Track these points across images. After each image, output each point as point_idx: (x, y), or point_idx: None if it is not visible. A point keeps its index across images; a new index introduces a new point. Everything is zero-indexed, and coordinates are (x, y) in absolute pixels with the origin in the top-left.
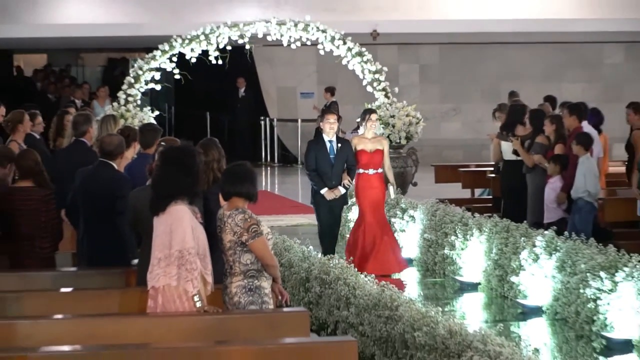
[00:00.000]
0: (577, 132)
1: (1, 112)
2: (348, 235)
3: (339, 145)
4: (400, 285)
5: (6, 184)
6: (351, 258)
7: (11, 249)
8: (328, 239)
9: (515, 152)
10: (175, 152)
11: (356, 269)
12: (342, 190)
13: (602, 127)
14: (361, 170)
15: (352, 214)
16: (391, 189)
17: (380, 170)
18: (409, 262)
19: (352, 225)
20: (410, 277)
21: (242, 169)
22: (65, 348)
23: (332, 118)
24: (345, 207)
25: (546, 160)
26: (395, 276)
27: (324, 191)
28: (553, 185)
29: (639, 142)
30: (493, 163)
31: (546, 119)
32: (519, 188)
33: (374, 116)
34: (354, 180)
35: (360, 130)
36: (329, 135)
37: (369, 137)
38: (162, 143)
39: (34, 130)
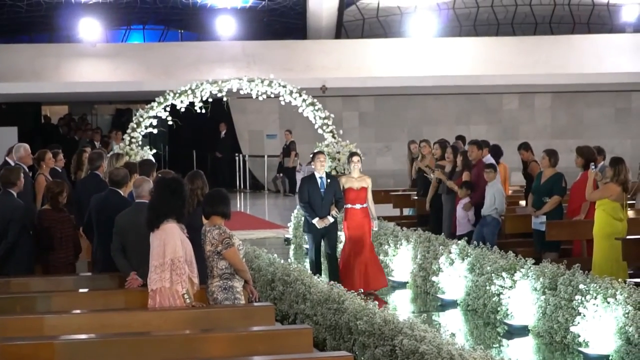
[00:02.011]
0: (483, 162)
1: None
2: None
3: (328, 180)
4: (379, 300)
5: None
6: (361, 291)
7: (41, 259)
8: (316, 263)
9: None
10: (167, 181)
11: (346, 288)
12: (331, 219)
13: (501, 160)
14: (349, 205)
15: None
16: (375, 222)
17: (365, 205)
18: None
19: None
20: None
21: (219, 193)
22: (83, 336)
23: (322, 157)
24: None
25: (457, 186)
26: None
27: (315, 220)
28: (463, 205)
29: (534, 172)
30: (417, 188)
31: (458, 155)
32: (438, 207)
33: (355, 158)
34: (341, 210)
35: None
36: (320, 172)
37: (355, 177)
38: (159, 174)
39: (57, 165)
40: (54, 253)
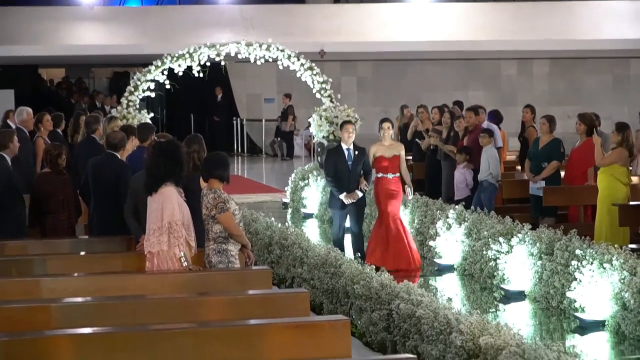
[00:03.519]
0: (479, 127)
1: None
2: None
3: (356, 152)
4: (413, 278)
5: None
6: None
7: (40, 222)
8: (340, 240)
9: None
10: (164, 145)
11: (374, 265)
12: (359, 194)
13: (500, 125)
14: (380, 175)
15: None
16: (408, 190)
17: (397, 174)
18: (350, 230)
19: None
20: (350, 243)
21: (217, 157)
22: (80, 299)
23: (350, 128)
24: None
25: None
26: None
27: (342, 196)
28: (461, 171)
29: (531, 137)
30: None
31: (456, 119)
32: (435, 172)
33: (385, 125)
34: (370, 184)
35: (312, 129)
36: (347, 144)
37: (386, 144)
38: (155, 138)
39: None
40: (55, 216)
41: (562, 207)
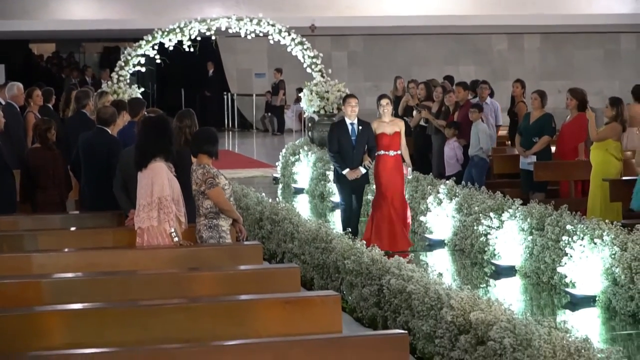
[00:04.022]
0: (470, 102)
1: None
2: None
3: (360, 127)
4: (403, 253)
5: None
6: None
7: (31, 197)
8: (349, 218)
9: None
10: (153, 120)
11: (371, 245)
12: (363, 170)
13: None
14: (382, 152)
15: (369, 196)
16: (409, 169)
17: (398, 152)
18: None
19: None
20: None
21: (205, 132)
22: (70, 275)
23: (353, 102)
24: (366, 186)
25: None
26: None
27: (346, 171)
28: (451, 146)
29: (521, 112)
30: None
31: (448, 94)
32: (426, 147)
33: (383, 101)
34: (374, 160)
35: (303, 104)
36: (351, 118)
37: (387, 121)
38: (146, 113)
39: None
40: (46, 191)
41: (552, 182)
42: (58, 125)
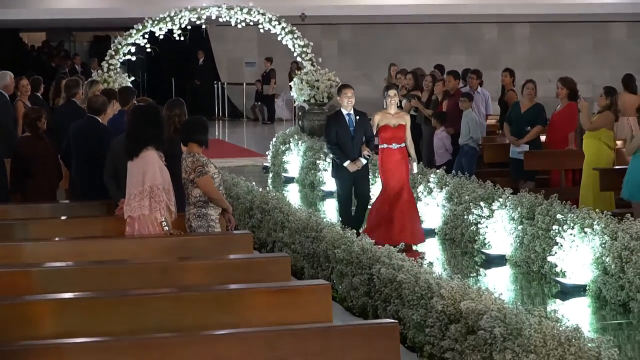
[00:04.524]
0: (460, 91)
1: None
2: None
3: (357, 117)
4: (415, 254)
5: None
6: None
7: (22, 186)
8: (348, 209)
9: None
10: (143, 109)
11: (375, 240)
12: (363, 162)
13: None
14: (385, 145)
15: (375, 189)
16: (414, 164)
17: (402, 145)
18: (331, 194)
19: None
20: (331, 206)
21: (195, 121)
22: (61, 264)
23: (349, 92)
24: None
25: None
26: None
27: (346, 164)
28: (439, 136)
29: (511, 101)
30: None
31: (437, 83)
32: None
33: (391, 92)
34: (373, 151)
35: (293, 93)
36: (347, 109)
37: (392, 113)
38: (136, 102)
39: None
40: (36, 180)
41: (542, 171)
42: (48, 114)
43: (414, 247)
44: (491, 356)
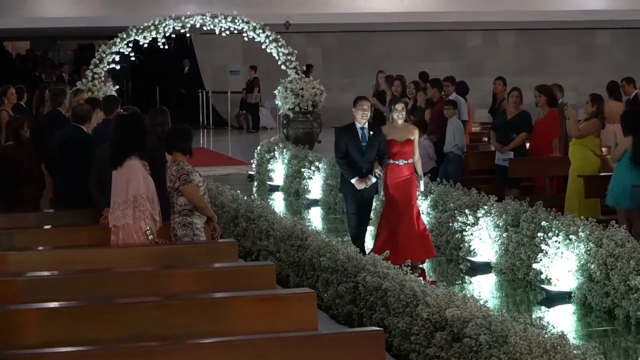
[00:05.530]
0: (443, 99)
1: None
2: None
3: (371, 132)
4: (423, 274)
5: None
6: (387, 252)
7: (5, 195)
8: (357, 230)
9: None
10: (127, 118)
11: (383, 260)
12: (373, 180)
13: (466, 97)
14: (391, 161)
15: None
16: (421, 182)
17: (410, 161)
18: (316, 203)
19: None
20: (316, 214)
21: (179, 129)
22: (46, 273)
23: (365, 104)
24: (375, 197)
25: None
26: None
27: (354, 180)
28: (422, 144)
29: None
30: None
31: (419, 91)
32: None
33: (398, 105)
34: (385, 168)
35: (277, 101)
36: (361, 122)
37: (399, 127)
38: (121, 110)
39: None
40: (21, 188)
41: (527, 178)
42: (31, 123)
43: (422, 266)
44: None
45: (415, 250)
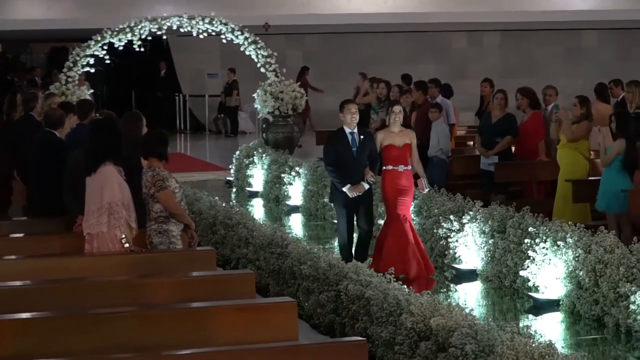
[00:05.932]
0: (428, 103)
1: None
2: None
3: (362, 137)
4: (429, 285)
5: None
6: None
7: None
8: (348, 244)
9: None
10: (101, 122)
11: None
12: (366, 186)
13: (451, 99)
14: (390, 167)
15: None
16: (423, 182)
17: (409, 167)
18: (297, 209)
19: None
20: (296, 221)
21: (155, 134)
22: (18, 283)
23: (353, 108)
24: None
25: None
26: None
27: (346, 188)
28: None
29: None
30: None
31: (404, 95)
32: None
33: (396, 108)
34: (377, 174)
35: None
36: (350, 127)
37: (396, 131)
38: (97, 115)
39: None
40: None
41: (514, 183)
42: (2, 128)
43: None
44: None
45: (413, 265)
